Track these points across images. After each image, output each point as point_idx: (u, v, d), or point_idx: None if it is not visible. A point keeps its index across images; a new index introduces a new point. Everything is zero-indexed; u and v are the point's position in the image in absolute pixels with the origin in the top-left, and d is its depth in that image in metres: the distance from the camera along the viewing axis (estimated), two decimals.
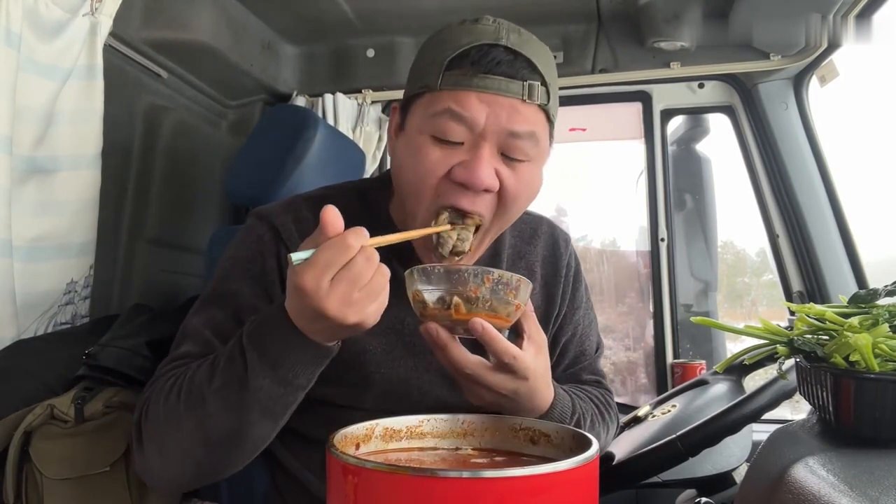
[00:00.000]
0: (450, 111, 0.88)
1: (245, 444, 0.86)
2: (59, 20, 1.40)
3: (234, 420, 0.82)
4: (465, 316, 0.82)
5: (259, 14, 1.97)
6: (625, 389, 2.48)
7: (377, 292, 0.75)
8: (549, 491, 0.58)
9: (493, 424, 0.81)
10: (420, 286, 0.83)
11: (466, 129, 0.89)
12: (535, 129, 0.91)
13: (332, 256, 0.72)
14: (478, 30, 0.91)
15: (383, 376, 1.00)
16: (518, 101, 0.89)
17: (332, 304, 0.73)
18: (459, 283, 0.82)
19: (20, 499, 1.11)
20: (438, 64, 0.90)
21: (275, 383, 0.80)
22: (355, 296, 0.73)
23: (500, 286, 0.83)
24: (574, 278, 1.17)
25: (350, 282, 0.73)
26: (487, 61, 0.88)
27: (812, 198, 1.90)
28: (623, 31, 2.01)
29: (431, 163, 0.90)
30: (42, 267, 1.41)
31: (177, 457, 0.87)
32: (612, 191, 2.58)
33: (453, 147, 0.90)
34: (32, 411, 1.13)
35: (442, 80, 0.89)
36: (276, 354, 0.80)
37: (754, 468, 0.75)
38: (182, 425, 0.85)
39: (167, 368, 0.93)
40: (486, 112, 0.88)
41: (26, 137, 1.36)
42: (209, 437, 0.84)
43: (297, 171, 1.47)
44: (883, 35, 1.61)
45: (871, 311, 0.78)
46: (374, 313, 0.76)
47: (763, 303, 2.94)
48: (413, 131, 0.93)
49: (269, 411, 0.83)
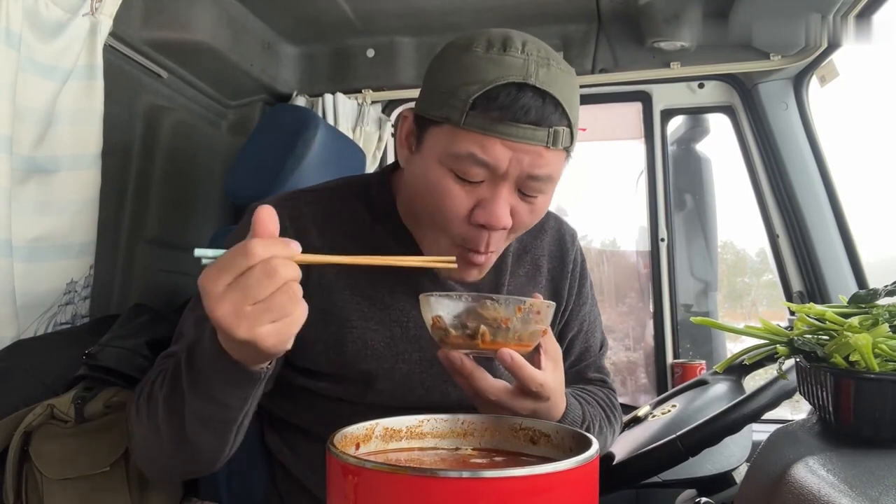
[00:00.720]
0: (473, 157, 0.87)
1: (198, 452, 0.85)
2: (59, 20, 1.40)
3: (179, 429, 0.82)
4: (492, 346, 0.81)
5: (259, 14, 1.97)
6: (625, 389, 2.48)
7: (276, 312, 0.66)
8: (549, 491, 0.58)
9: (493, 424, 0.81)
10: (442, 312, 0.81)
11: (487, 172, 0.88)
12: (553, 171, 0.91)
13: (231, 260, 0.66)
14: (505, 62, 0.86)
15: (386, 372, 1.00)
16: (542, 147, 0.87)
17: (222, 312, 0.66)
18: (488, 313, 0.81)
19: (20, 499, 1.11)
20: (463, 100, 0.86)
21: (205, 402, 0.78)
22: (247, 308, 0.66)
23: (530, 315, 0.82)
24: (580, 274, 1.18)
25: (242, 292, 0.65)
26: (517, 108, 0.85)
27: (812, 198, 1.90)
28: (623, 31, 2.01)
29: (454, 203, 0.90)
30: (42, 267, 1.41)
31: (153, 452, 0.90)
32: (612, 191, 2.58)
33: (473, 186, 0.89)
34: (32, 411, 1.13)
35: (466, 118, 0.86)
36: (201, 374, 0.77)
37: (754, 468, 0.75)
38: (147, 426, 0.86)
39: (156, 366, 0.95)
40: (509, 157, 0.87)
41: (26, 137, 1.36)
42: (164, 440, 0.85)
43: (297, 171, 1.47)
44: (883, 35, 1.61)
45: (871, 311, 0.78)
46: (270, 334, 0.67)
47: (763, 303, 2.94)
48: (432, 160, 0.91)
49: (208, 427, 0.81)
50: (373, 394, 1.00)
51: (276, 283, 0.66)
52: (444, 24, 2.03)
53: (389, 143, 2.30)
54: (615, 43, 2.02)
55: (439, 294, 0.83)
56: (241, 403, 0.80)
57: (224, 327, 0.67)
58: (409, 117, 0.97)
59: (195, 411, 0.79)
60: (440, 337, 0.83)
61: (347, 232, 1.02)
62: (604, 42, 2.03)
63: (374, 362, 0.99)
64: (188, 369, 0.78)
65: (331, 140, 1.55)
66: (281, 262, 0.66)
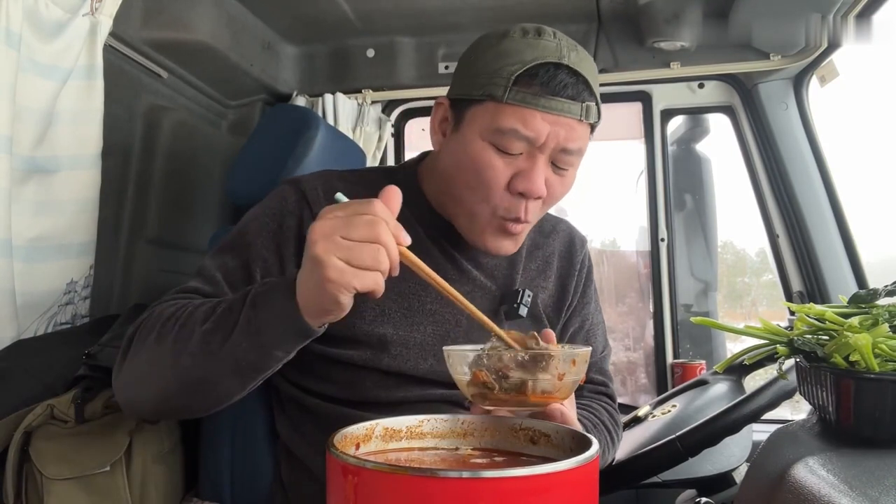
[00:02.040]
0: (516, 132, 0.95)
1: (210, 392, 0.88)
2: (59, 20, 1.40)
3: (207, 365, 0.85)
4: (543, 399, 0.80)
5: (259, 14, 1.97)
6: (625, 389, 2.48)
7: (352, 255, 0.73)
8: (549, 491, 0.58)
9: (493, 424, 0.81)
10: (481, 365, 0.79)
11: (527, 144, 0.96)
12: (583, 145, 1.00)
13: (354, 203, 0.75)
14: (541, 45, 0.96)
15: (401, 338, 1.03)
16: (575, 121, 0.96)
17: (319, 228, 0.74)
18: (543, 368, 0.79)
19: (20, 499, 1.11)
20: (506, 77, 0.94)
21: (253, 346, 0.82)
22: (336, 238, 0.73)
23: (581, 367, 0.81)
24: (587, 276, 1.24)
25: (343, 223, 0.73)
26: (555, 84, 0.94)
27: (812, 198, 1.90)
28: (623, 31, 2.01)
29: (495, 173, 0.97)
30: (42, 267, 1.41)
31: (150, 379, 0.90)
32: (612, 191, 2.58)
33: (512, 158, 0.97)
34: (32, 411, 1.13)
35: (509, 94, 0.94)
36: (264, 321, 0.81)
37: (754, 468, 0.75)
38: (165, 350, 0.87)
39: (174, 295, 0.98)
40: (547, 131, 0.95)
41: (26, 137, 1.36)
42: (182, 372, 0.86)
43: (297, 172, 1.47)
44: (883, 35, 1.61)
45: (871, 311, 0.78)
46: (335, 268, 0.73)
47: (763, 303, 2.94)
48: (472, 136, 0.98)
49: (240, 371, 0.85)
50: (388, 358, 1.03)
51: (370, 236, 0.73)
52: (444, 24, 2.03)
53: (389, 143, 2.30)
54: (615, 43, 2.02)
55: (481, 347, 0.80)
56: (284, 356, 0.85)
57: (311, 240, 0.74)
58: (444, 103, 1.05)
59: (235, 354, 0.83)
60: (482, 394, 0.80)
61: None
62: (604, 42, 2.03)
63: (391, 327, 1.03)
64: (248, 312, 0.82)
65: (331, 140, 1.55)
66: (385, 229, 0.73)
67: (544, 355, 0.79)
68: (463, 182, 1.01)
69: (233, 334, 0.82)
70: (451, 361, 0.82)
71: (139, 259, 1.74)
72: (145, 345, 0.90)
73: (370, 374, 1.03)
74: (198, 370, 0.85)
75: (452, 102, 1.03)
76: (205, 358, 0.84)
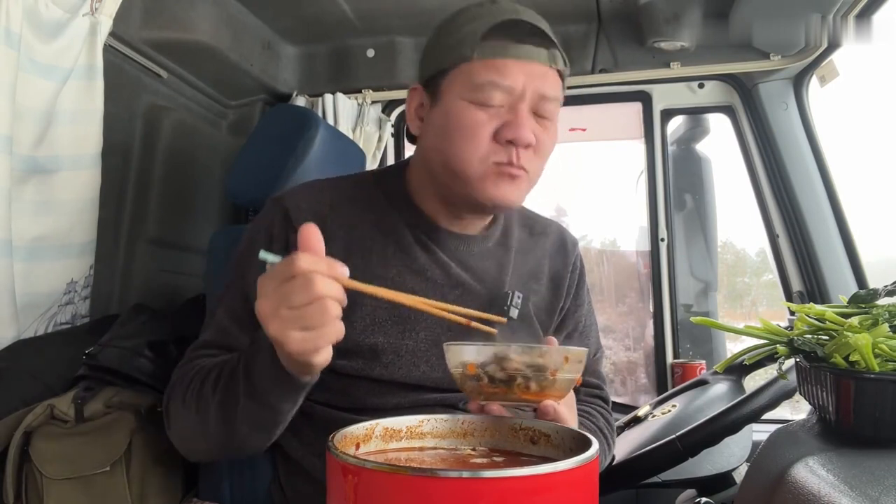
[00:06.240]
0: (492, 82, 0.97)
1: (246, 445, 0.95)
2: (59, 20, 1.40)
3: (231, 431, 0.91)
4: (535, 397, 0.80)
5: (259, 14, 1.97)
6: (625, 389, 2.48)
7: (305, 321, 0.73)
8: (549, 491, 0.58)
9: (493, 424, 0.81)
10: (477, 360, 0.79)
11: (506, 94, 0.98)
12: (559, 93, 1.03)
13: (280, 268, 0.74)
14: (498, 9, 1.00)
15: (393, 346, 1.03)
16: (546, 67, 1.00)
17: (263, 309, 0.75)
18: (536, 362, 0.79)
19: (20, 499, 1.11)
20: (472, 37, 0.98)
21: (260, 408, 0.88)
22: (282, 311, 0.74)
23: (574, 364, 0.81)
24: (579, 278, 1.23)
25: (281, 296, 0.74)
26: (520, 34, 0.98)
27: (812, 198, 1.90)
28: (623, 31, 2.00)
29: (481, 125, 0.98)
30: (42, 267, 1.41)
31: (195, 442, 0.99)
32: (612, 191, 2.58)
33: (495, 109, 0.99)
34: (32, 411, 1.13)
35: (478, 51, 0.98)
36: (262, 387, 0.86)
37: (754, 468, 0.75)
38: (194, 422, 0.94)
39: (193, 356, 1.02)
40: (523, 78, 0.98)
41: (26, 137, 1.36)
42: (215, 437, 0.94)
43: (297, 172, 1.47)
44: (883, 35, 1.61)
45: (871, 311, 0.78)
46: (297, 340, 0.74)
47: (763, 303, 2.94)
48: (452, 100, 1.01)
49: (261, 428, 0.92)
50: (380, 367, 1.03)
51: (311, 296, 0.73)
52: None
53: (389, 144, 2.30)
54: (615, 43, 2.02)
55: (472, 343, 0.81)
56: (292, 407, 0.90)
57: (262, 322, 0.76)
58: (417, 88, 1.08)
59: (249, 415, 0.89)
60: (473, 387, 0.81)
61: (360, 213, 1.08)
62: (604, 42, 2.03)
63: (382, 336, 1.03)
64: (246, 380, 0.87)
65: (331, 140, 1.55)
66: (321, 278, 0.73)
67: (536, 351, 0.79)
68: (451, 144, 1.01)
69: (241, 401, 0.88)
70: (449, 356, 0.82)
71: (139, 259, 1.74)
72: (179, 414, 0.97)
73: (363, 382, 1.03)
74: (226, 435, 0.92)
75: (426, 84, 1.06)
76: (227, 426, 0.91)
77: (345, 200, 1.08)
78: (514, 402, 0.82)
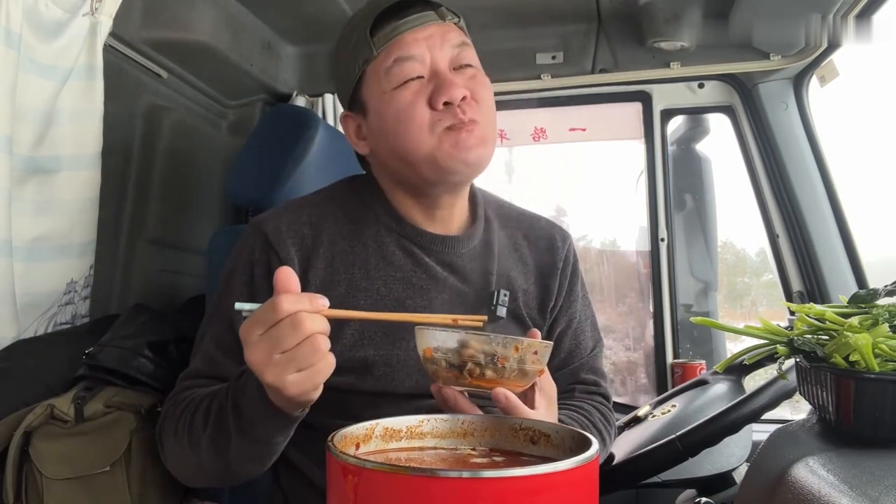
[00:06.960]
0: (397, 59, 1.00)
1: (240, 474, 0.95)
2: (59, 20, 1.40)
3: (224, 462, 0.91)
4: (487, 384, 0.81)
5: (259, 14, 1.97)
6: (625, 389, 2.48)
7: (300, 362, 0.74)
8: (549, 491, 0.58)
9: (493, 424, 0.81)
10: (434, 344, 0.81)
11: (419, 63, 1.01)
12: (464, 39, 1.06)
13: (263, 313, 0.74)
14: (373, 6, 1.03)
15: (383, 358, 1.03)
16: (440, 24, 1.04)
17: (254, 358, 0.75)
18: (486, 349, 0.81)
19: (20, 499, 1.11)
20: (364, 39, 1.02)
21: (252, 443, 0.87)
22: (275, 357, 0.74)
23: (527, 355, 0.82)
24: (572, 272, 1.21)
25: (272, 342, 0.73)
26: (401, 11, 1.02)
27: (812, 198, 1.89)
28: (623, 31, 2.00)
29: (411, 101, 1.00)
30: (42, 267, 1.41)
31: (190, 469, 0.99)
32: (612, 191, 2.57)
33: (416, 83, 1.01)
34: (32, 411, 1.13)
35: (374, 45, 1.02)
36: (251, 422, 0.85)
37: (754, 468, 0.75)
38: (187, 453, 0.95)
39: (182, 386, 1.03)
40: (424, 43, 1.01)
41: (26, 137, 1.36)
42: (209, 468, 0.94)
43: (297, 172, 1.47)
44: (883, 35, 1.61)
45: (871, 311, 0.78)
46: (295, 382, 0.75)
47: (763, 303, 2.94)
48: (378, 100, 1.03)
49: (253, 459, 0.91)
50: (373, 379, 1.02)
51: (301, 335, 0.73)
52: None
53: None
54: (615, 43, 2.02)
55: (436, 327, 0.82)
56: (283, 439, 0.90)
57: (256, 372, 0.76)
58: (346, 115, 1.11)
59: (241, 449, 0.88)
60: (431, 371, 0.83)
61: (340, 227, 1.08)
62: (604, 42, 2.03)
63: (372, 349, 1.03)
64: (235, 417, 0.86)
65: (331, 140, 1.55)
66: (307, 315, 0.73)
67: (496, 340, 0.81)
68: (398, 134, 1.02)
69: (231, 436, 0.87)
70: (417, 339, 0.84)
71: (139, 259, 1.74)
72: (171, 444, 0.98)
73: (357, 396, 1.02)
74: (219, 466, 0.92)
75: (350, 106, 1.09)
76: (220, 458, 0.91)
77: (324, 217, 1.08)
78: (468, 388, 0.83)
